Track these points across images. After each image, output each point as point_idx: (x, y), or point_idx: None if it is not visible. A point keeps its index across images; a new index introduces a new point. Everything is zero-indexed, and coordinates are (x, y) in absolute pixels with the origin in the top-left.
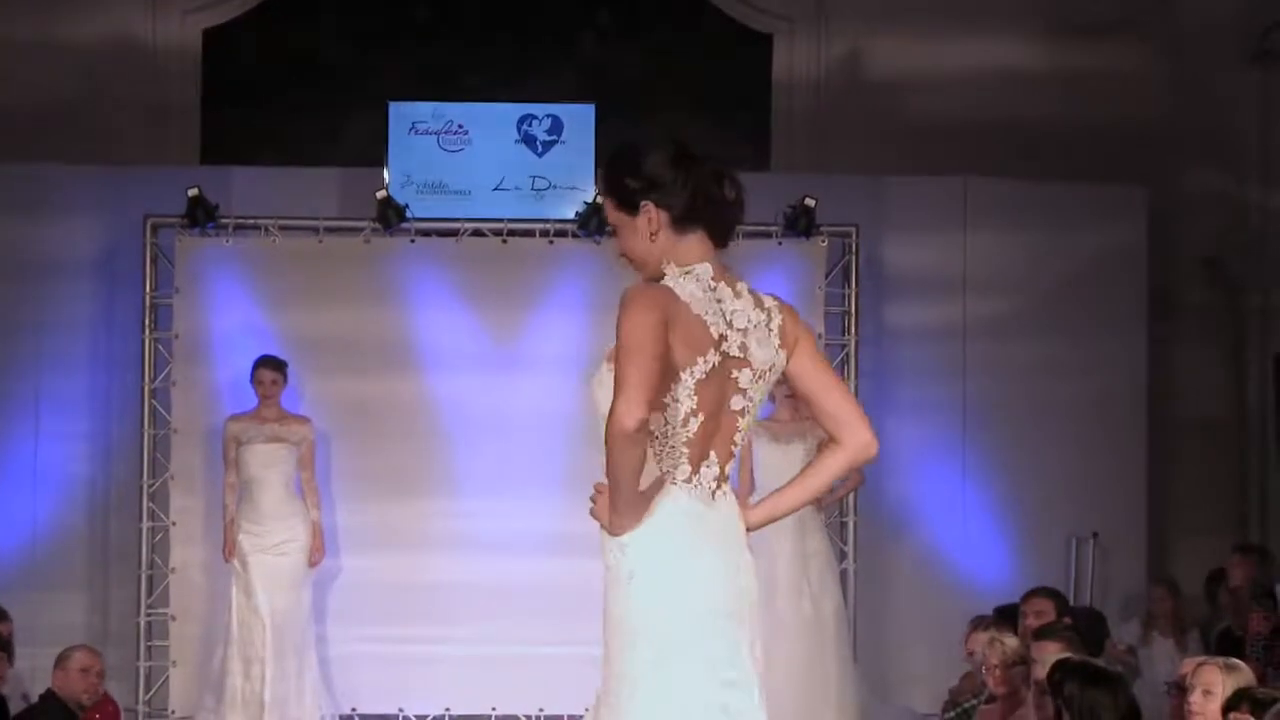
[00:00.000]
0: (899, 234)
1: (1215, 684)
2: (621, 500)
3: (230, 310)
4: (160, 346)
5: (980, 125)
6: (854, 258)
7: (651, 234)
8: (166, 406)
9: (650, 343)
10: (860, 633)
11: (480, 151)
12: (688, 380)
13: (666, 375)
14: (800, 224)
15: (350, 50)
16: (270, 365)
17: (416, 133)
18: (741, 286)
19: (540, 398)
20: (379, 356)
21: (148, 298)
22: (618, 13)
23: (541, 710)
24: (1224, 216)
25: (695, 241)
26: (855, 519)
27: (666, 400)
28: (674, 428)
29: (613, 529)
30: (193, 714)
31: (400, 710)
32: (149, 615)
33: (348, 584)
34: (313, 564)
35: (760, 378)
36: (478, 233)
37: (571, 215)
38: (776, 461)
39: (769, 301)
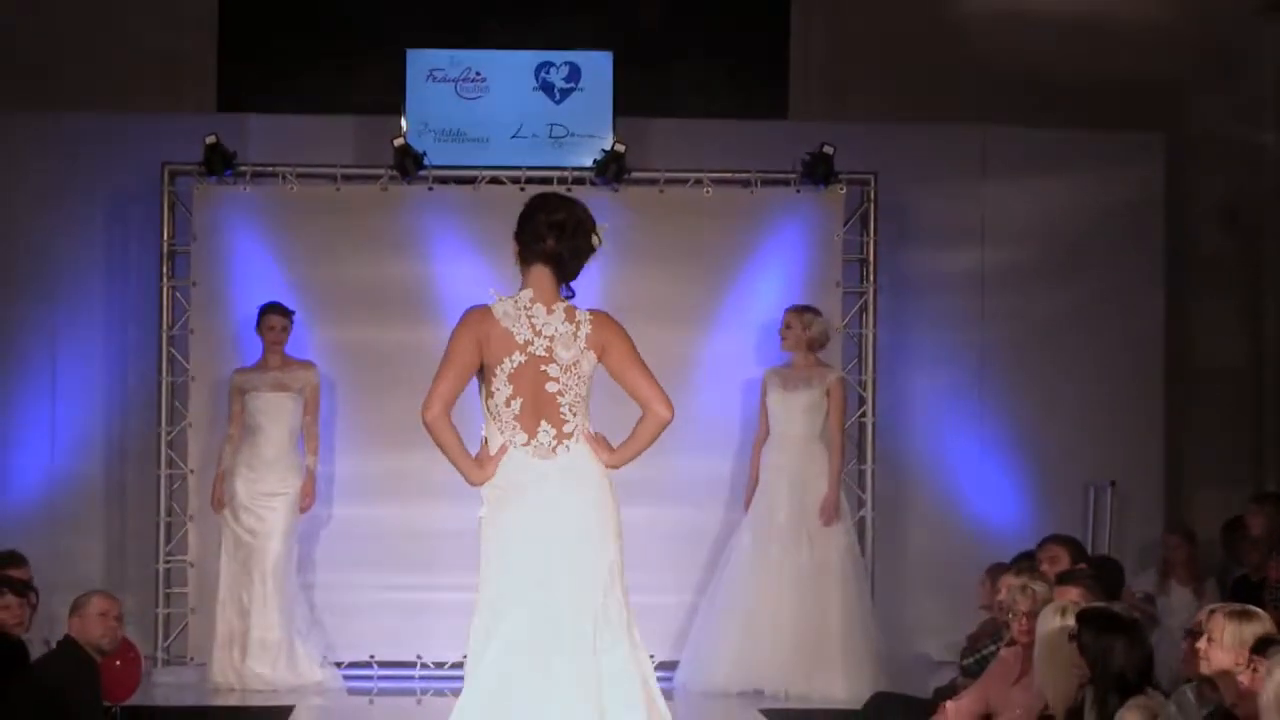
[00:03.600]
0: (917, 182)
1: (1218, 630)
2: (456, 466)
3: (247, 257)
4: (178, 294)
5: (999, 73)
6: (872, 205)
7: (516, 264)
8: (184, 354)
9: (455, 355)
10: (877, 580)
11: (498, 99)
12: (500, 374)
13: (486, 372)
14: (818, 172)
15: None
16: (279, 311)
17: (434, 80)
18: (558, 306)
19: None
20: (395, 304)
21: (165, 245)
22: None
23: None
24: (1241, 165)
25: (534, 273)
26: (873, 467)
27: (493, 389)
28: (501, 408)
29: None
30: (209, 661)
31: (419, 657)
32: (167, 562)
33: (367, 532)
34: (302, 509)
35: (568, 370)
36: (495, 180)
37: (589, 163)
38: (783, 407)
39: (583, 317)
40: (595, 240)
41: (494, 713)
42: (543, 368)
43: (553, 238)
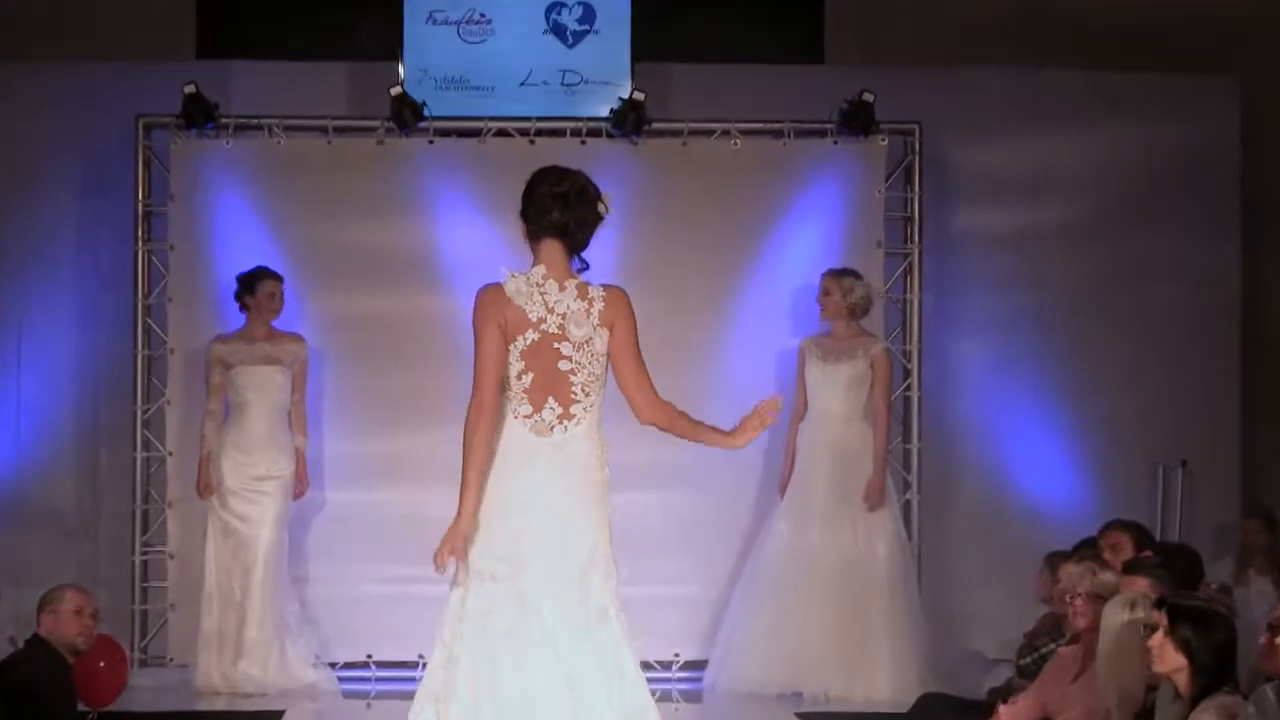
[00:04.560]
0: (966, 132)
1: None
2: (462, 483)
3: (231, 218)
4: (154, 259)
5: (1054, 11)
6: (916, 158)
7: (525, 240)
8: (162, 325)
9: (487, 349)
10: (924, 570)
11: (505, 43)
12: (514, 350)
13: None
14: (857, 122)
15: None
16: (273, 276)
17: (434, 22)
18: (570, 283)
19: None
20: (392, 269)
21: (140, 205)
22: None
23: None
24: None
25: (544, 248)
26: (919, 445)
27: (506, 363)
28: (513, 381)
29: None
30: (193, 662)
31: (421, 657)
32: (144, 554)
33: (364, 520)
34: (297, 496)
35: (580, 348)
36: (502, 132)
37: (605, 113)
38: (823, 381)
39: (596, 293)
40: (601, 208)
41: (481, 696)
42: (555, 345)
43: (558, 210)
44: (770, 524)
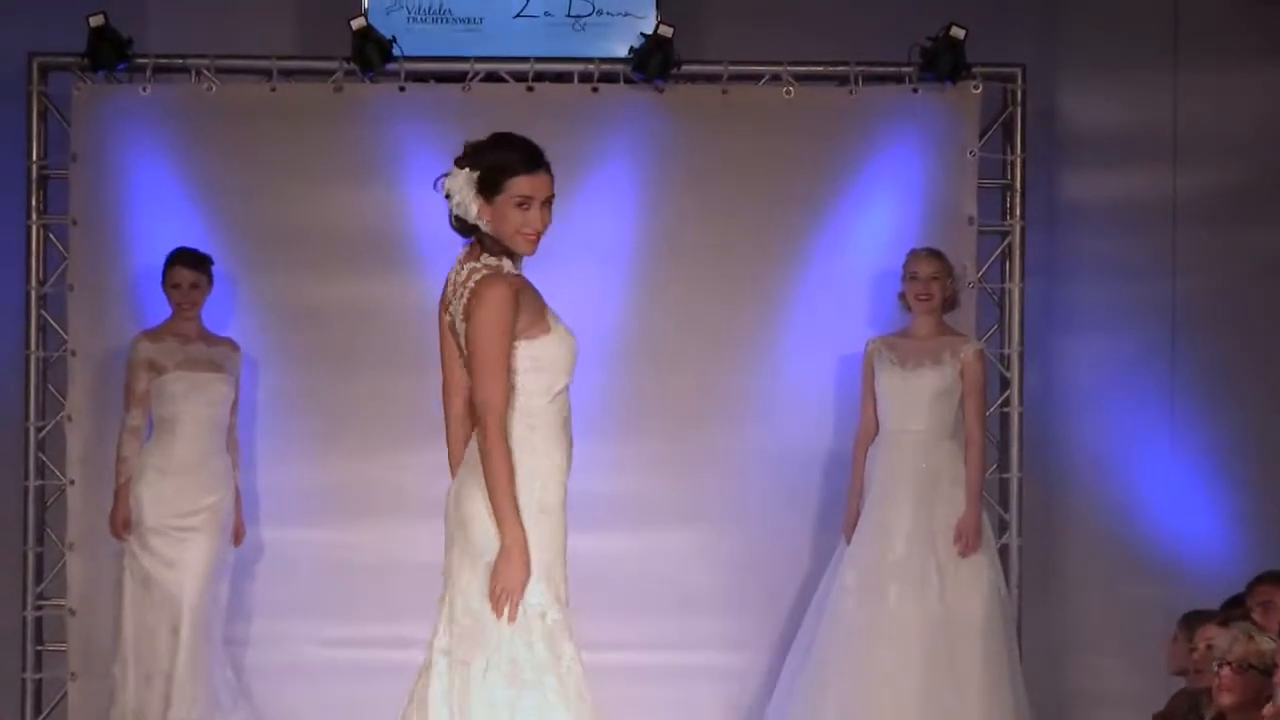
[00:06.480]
0: (1081, 76)
1: None
2: None
3: (148, 185)
4: (52, 236)
5: None
6: (1018, 110)
7: None
8: (61, 320)
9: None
10: (1025, 632)
11: None
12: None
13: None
14: (944, 64)
15: None
16: (188, 262)
17: None
18: (470, 265)
19: (573, 305)
20: (351, 248)
21: (34, 169)
22: None
23: None
24: None
25: None
26: (1019, 475)
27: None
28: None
29: None
30: None
31: None
32: (39, 608)
33: (313, 566)
34: (238, 542)
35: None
36: (493, 76)
37: (623, 52)
38: (902, 393)
39: (472, 279)
40: (445, 181)
41: None
42: (458, 327)
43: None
44: (833, 575)
